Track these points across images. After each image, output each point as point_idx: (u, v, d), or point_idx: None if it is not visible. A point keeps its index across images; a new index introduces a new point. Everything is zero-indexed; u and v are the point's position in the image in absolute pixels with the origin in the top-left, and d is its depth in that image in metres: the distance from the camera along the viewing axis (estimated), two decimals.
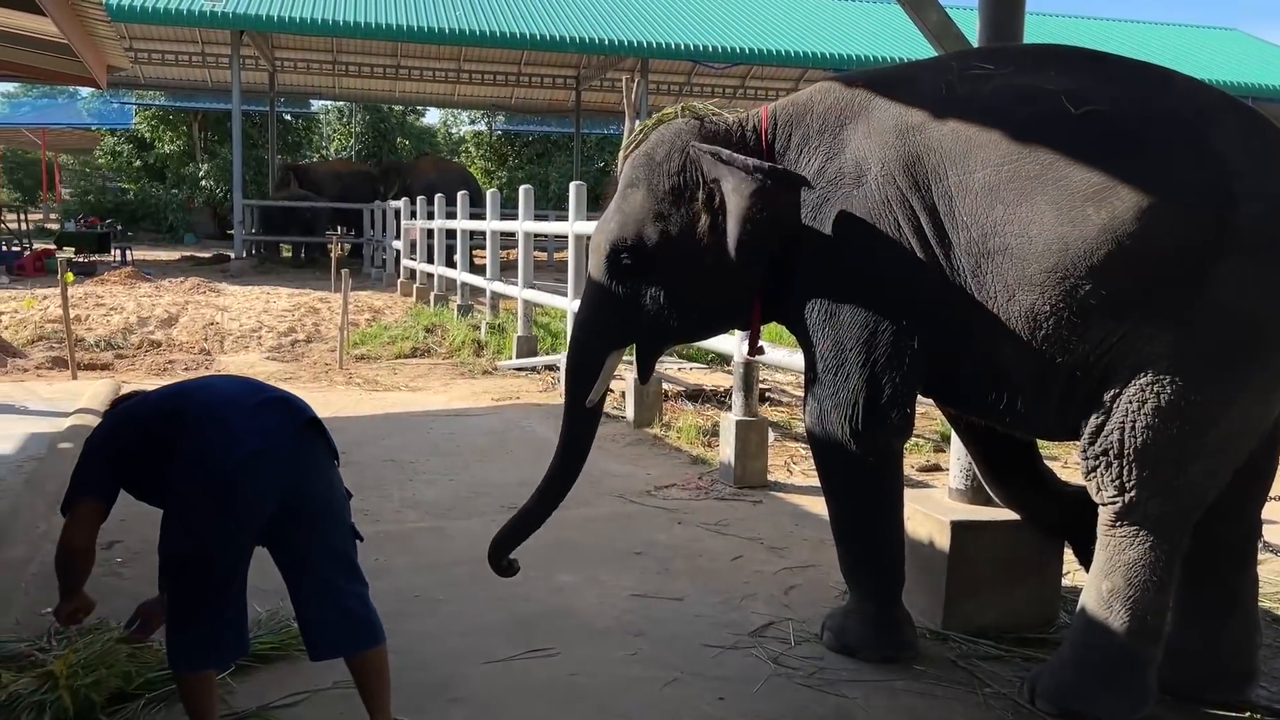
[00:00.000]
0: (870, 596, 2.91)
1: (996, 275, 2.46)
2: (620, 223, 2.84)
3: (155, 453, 2.24)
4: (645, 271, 2.82)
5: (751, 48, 20.53)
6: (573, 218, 7.37)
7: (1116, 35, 25.59)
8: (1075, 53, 2.64)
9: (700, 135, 2.80)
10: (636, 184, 2.85)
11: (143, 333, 9.64)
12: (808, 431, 2.88)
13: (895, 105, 2.65)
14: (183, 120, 31.81)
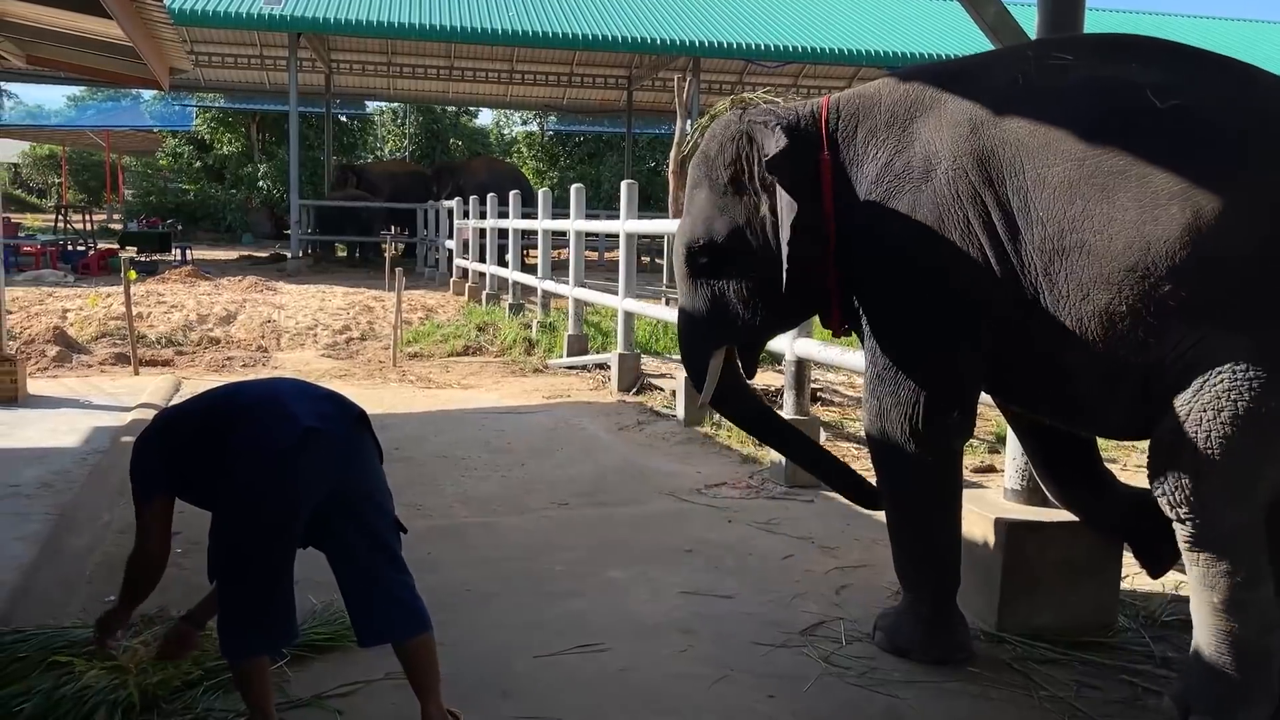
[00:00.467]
0: (925, 597, 2.87)
1: (1072, 273, 2.38)
2: (690, 224, 2.88)
3: (210, 446, 2.29)
4: (721, 267, 2.85)
5: (804, 46, 20.42)
6: (624, 216, 7.38)
7: (1182, 31, 25.02)
8: (1156, 44, 2.56)
9: (760, 130, 2.78)
10: (699, 183, 2.88)
11: (202, 330, 9.84)
12: (866, 428, 2.85)
13: (968, 97, 2.58)
14: (241, 122, 32.41)
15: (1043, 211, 2.42)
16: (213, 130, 32.69)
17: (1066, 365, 2.48)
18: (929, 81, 2.70)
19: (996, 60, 2.72)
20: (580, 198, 8.76)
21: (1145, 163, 2.31)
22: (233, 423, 2.29)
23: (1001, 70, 2.62)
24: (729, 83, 26.75)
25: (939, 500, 2.82)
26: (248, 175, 30.23)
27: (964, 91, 2.60)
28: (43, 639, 2.60)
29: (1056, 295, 2.42)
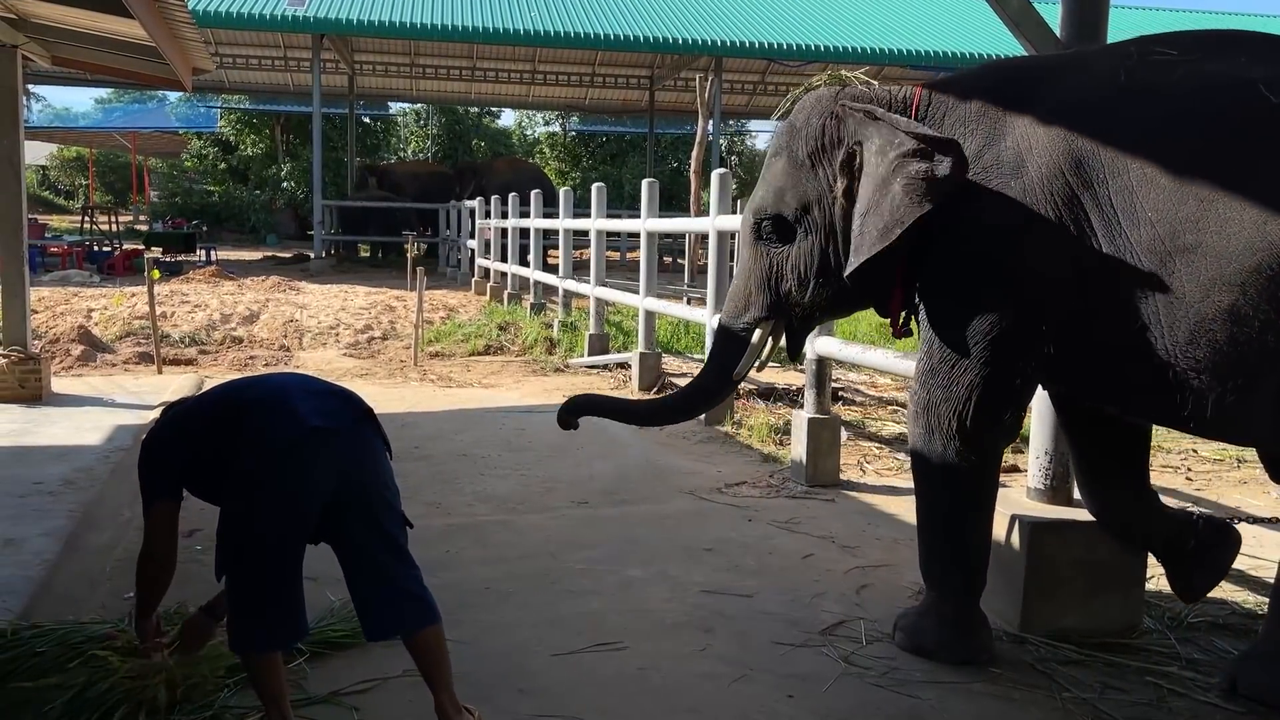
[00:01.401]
0: (950, 597, 2.82)
1: (1188, 274, 2.30)
2: (762, 192, 2.84)
3: (219, 441, 2.30)
4: (786, 241, 2.81)
5: (827, 45, 20.31)
6: (645, 215, 7.37)
7: (1206, 26, 24.74)
8: (1263, 38, 2.50)
9: (848, 97, 2.74)
10: (779, 152, 2.83)
11: (225, 329, 9.90)
12: (910, 420, 2.80)
13: (1068, 92, 2.52)
14: (265, 123, 32.67)
15: (1152, 212, 2.34)
16: (237, 132, 32.95)
17: (1181, 367, 2.37)
18: (1026, 75, 2.67)
19: (1098, 56, 2.65)
20: (601, 197, 8.76)
21: (1265, 159, 2.26)
22: (241, 418, 2.30)
23: (1103, 66, 2.55)
24: (751, 82, 26.72)
25: (976, 500, 2.78)
26: (272, 176, 30.47)
27: (1064, 86, 2.54)
28: (61, 634, 2.61)
29: (1171, 296, 2.33)
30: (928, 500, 2.83)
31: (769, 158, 2.87)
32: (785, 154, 2.81)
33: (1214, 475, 5.18)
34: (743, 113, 31.79)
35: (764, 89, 27.35)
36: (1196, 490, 4.85)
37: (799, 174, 2.77)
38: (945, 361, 2.65)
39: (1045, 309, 2.52)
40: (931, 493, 2.81)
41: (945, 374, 2.65)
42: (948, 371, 2.65)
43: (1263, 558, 3.76)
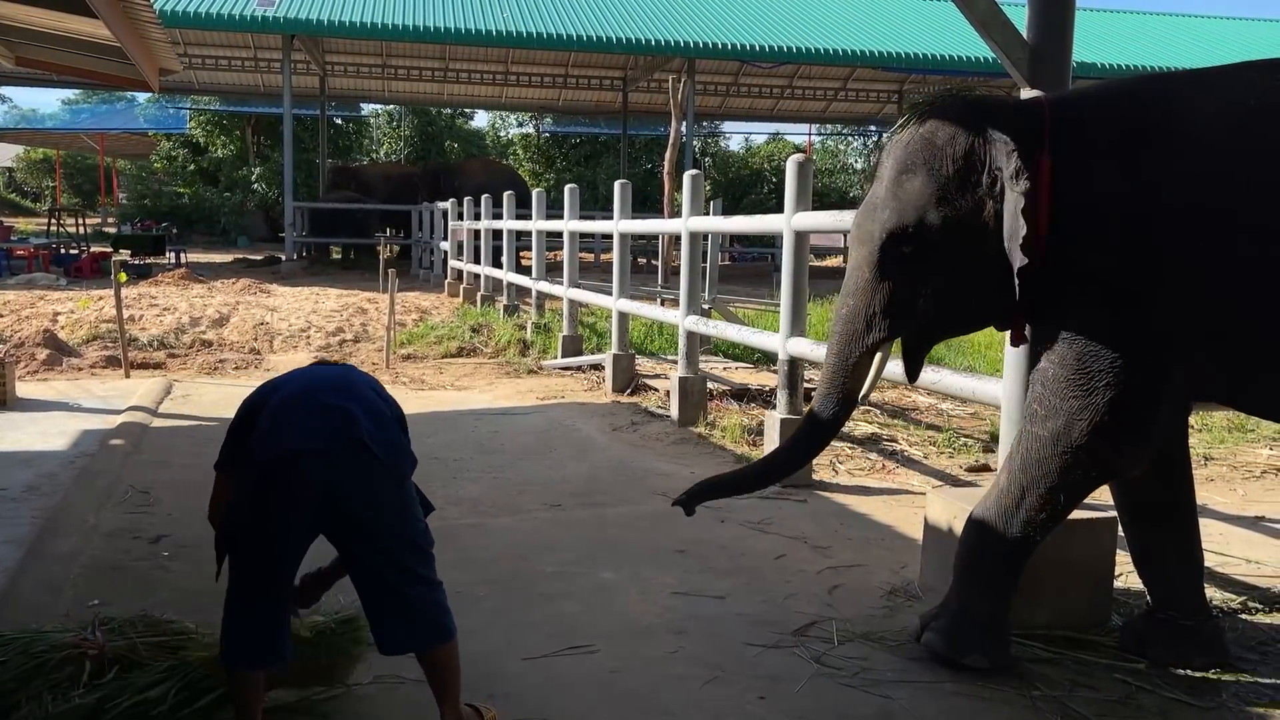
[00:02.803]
0: (992, 597, 2.76)
1: None
2: (898, 209, 2.67)
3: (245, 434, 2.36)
4: (924, 260, 2.66)
5: (799, 46, 20.42)
6: (618, 217, 7.36)
7: (1183, 31, 25.07)
8: None
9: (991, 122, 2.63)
10: (913, 169, 2.67)
11: (194, 332, 9.80)
12: (1035, 418, 2.68)
13: (1205, 117, 2.53)
14: (236, 125, 32.40)
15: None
16: (207, 133, 32.66)
17: None
18: (1152, 95, 2.66)
19: (1219, 80, 2.64)
20: (574, 198, 8.74)
21: None
22: (256, 416, 2.33)
23: (1230, 91, 2.57)
24: (724, 83, 26.81)
25: (1063, 514, 2.73)
26: (242, 178, 30.22)
27: (1198, 111, 2.55)
28: (23, 642, 2.56)
29: None
30: (1018, 499, 2.70)
31: (897, 174, 2.69)
32: (924, 170, 2.64)
33: None
34: (716, 114, 31.89)
35: (737, 90, 27.44)
36: None
37: (944, 192, 2.62)
38: (1097, 375, 2.57)
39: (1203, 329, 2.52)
40: (1029, 494, 2.68)
41: (1087, 389, 2.58)
42: (1090, 386, 2.57)
43: (1229, 554, 3.81)
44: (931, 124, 2.68)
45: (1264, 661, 2.87)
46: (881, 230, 2.68)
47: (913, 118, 2.73)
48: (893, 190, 2.69)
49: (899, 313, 2.73)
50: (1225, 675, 2.77)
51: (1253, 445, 5.71)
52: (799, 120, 31.78)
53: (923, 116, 2.70)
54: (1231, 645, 2.92)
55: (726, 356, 8.51)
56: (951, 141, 2.64)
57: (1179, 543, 2.88)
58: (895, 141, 2.74)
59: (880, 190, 2.73)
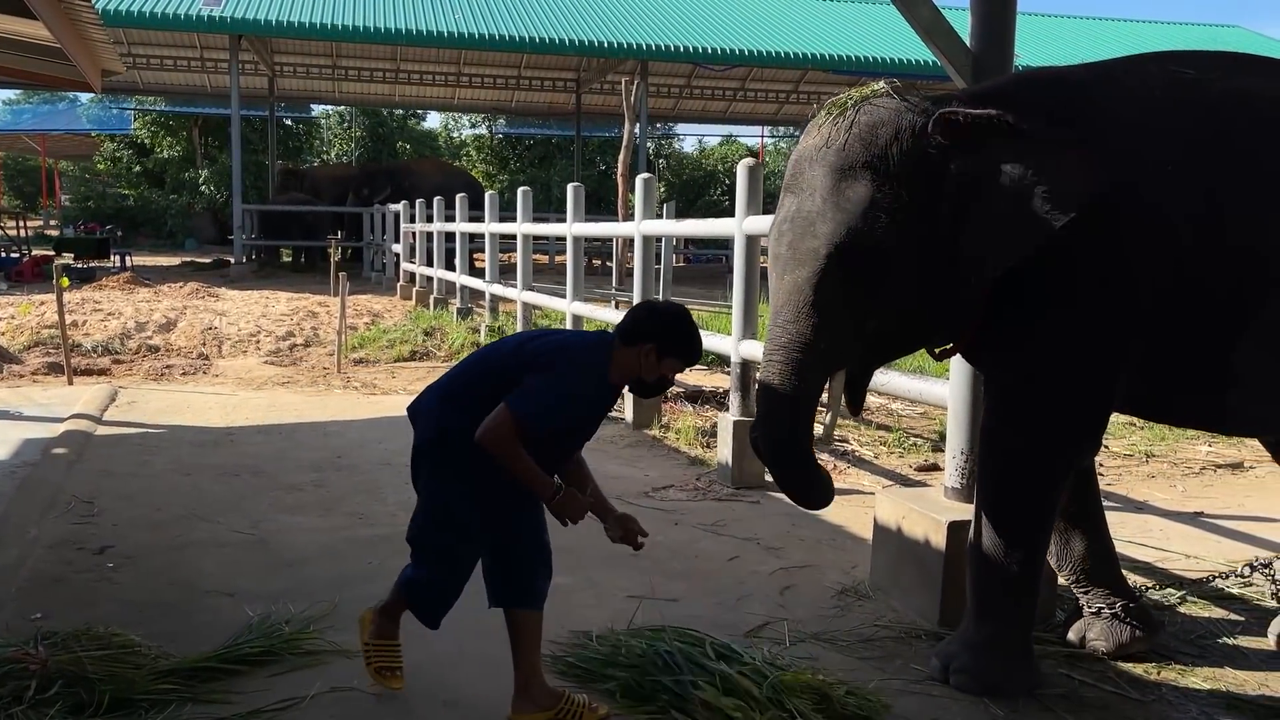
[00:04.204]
0: (1016, 623, 2.69)
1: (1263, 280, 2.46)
2: (843, 221, 2.39)
3: None
4: (876, 275, 2.41)
5: (751, 49, 20.54)
6: (571, 219, 7.36)
7: (1112, 35, 25.58)
8: (1251, 57, 2.67)
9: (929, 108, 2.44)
10: (853, 174, 2.40)
11: (140, 338, 9.63)
12: (995, 440, 2.64)
13: (1122, 107, 2.50)
14: (182, 125, 31.85)
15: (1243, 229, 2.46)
16: (152, 134, 32.08)
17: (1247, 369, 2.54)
18: (1064, 89, 2.59)
19: (1125, 72, 2.61)
20: (527, 201, 8.72)
21: None
22: None
23: (1140, 81, 2.56)
24: (677, 86, 26.88)
25: (1053, 520, 2.71)
26: (189, 180, 29.71)
27: (1123, 101, 2.52)
28: None
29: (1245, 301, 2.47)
30: (1010, 528, 2.62)
31: (834, 182, 2.42)
32: (867, 175, 2.39)
33: (1124, 470, 5.35)
34: (669, 116, 31.95)
35: (690, 92, 27.53)
36: (1107, 485, 5.00)
37: (894, 198, 2.38)
38: (1052, 387, 2.54)
39: (1143, 323, 2.51)
40: (1016, 520, 2.63)
41: (1050, 395, 2.55)
42: (1053, 392, 2.55)
43: (1169, 550, 3.90)
44: (867, 123, 2.43)
45: (1202, 655, 2.95)
46: (826, 246, 2.41)
47: (834, 119, 2.48)
48: (833, 200, 2.42)
49: (850, 337, 2.48)
50: (1165, 669, 2.84)
51: (1192, 443, 5.85)
52: (751, 122, 31.95)
53: (849, 117, 2.46)
54: (1171, 638, 2.99)
55: None
56: (896, 140, 2.40)
57: (1095, 536, 2.95)
58: (817, 147, 2.48)
59: (813, 202, 2.45)
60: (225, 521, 4.11)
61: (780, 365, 2.49)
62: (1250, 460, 5.41)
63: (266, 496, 4.54)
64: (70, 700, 2.41)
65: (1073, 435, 2.60)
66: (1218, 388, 2.60)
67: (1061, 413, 2.58)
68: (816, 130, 2.51)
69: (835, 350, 2.50)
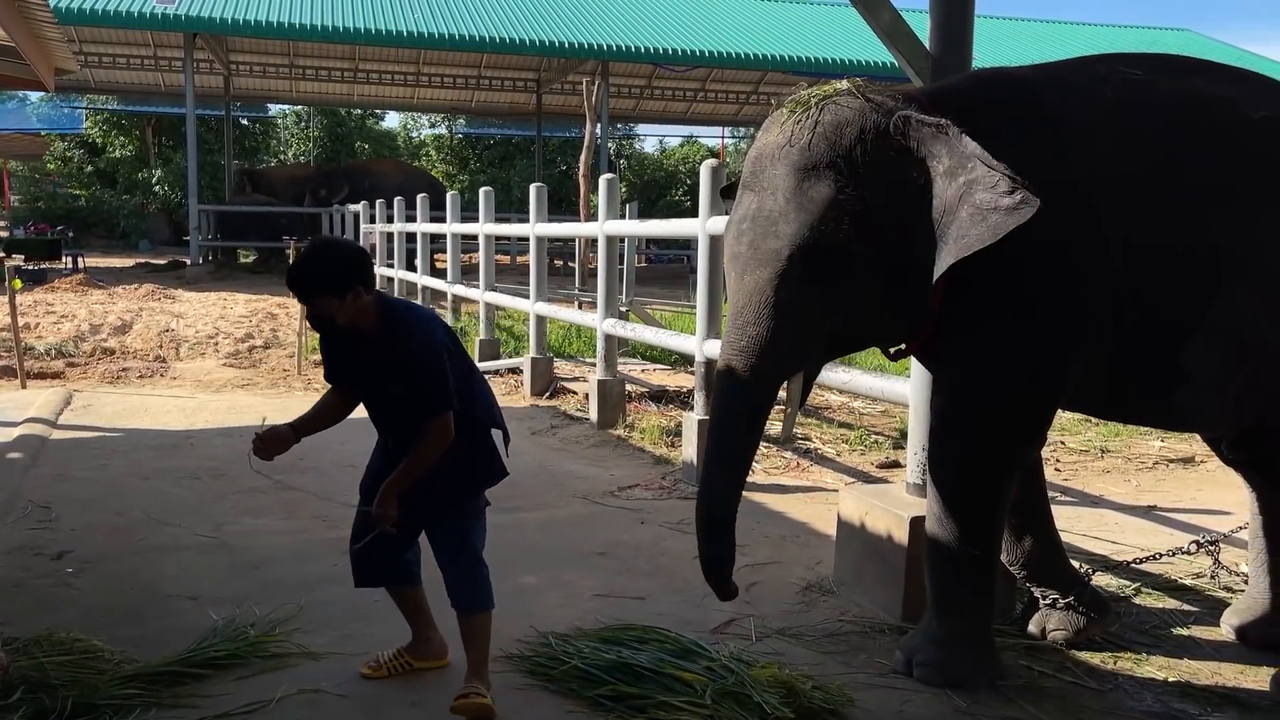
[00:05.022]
0: (976, 616, 2.74)
1: (1208, 279, 2.51)
2: (807, 221, 2.37)
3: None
4: (839, 276, 2.40)
5: (712, 50, 20.62)
6: (533, 220, 7.36)
7: (1065, 38, 25.98)
8: (1196, 60, 2.74)
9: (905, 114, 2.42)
10: (817, 173, 2.38)
11: (95, 340, 9.48)
12: (943, 436, 2.68)
13: (1070, 107, 2.55)
14: (135, 125, 31.36)
15: (1180, 225, 2.51)
16: (104, 133, 31.55)
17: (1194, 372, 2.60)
18: (1015, 89, 2.63)
19: (1071, 73, 2.66)
20: (489, 201, 8.70)
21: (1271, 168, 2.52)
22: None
23: (1086, 83, 2.60)
24: (638, 86, 26.91)
25: (1006, 515, 2.75)
26: (143, 180, 29.26)
27: (1072, 101, 2.56)
28: None
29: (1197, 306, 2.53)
30: (966, 526, 2.65)
31: (796, 181, 2.40)
32: (830, 175, 2.37)
33: (1080, 466, 5.45)
34: (630, 116, 31.97)
35: (651, 93, 27.58)
36: (1064, 480, 5.10)
37: (858, 198, 2.37)
38: (999, 384, 2.59)
39: (1088, 322, 2.55)
40: (973, 518, 2.66)
41: (999, 395, 2.59)
42: (1003, 391, 2.59)
43: (1123, 543, 3.99)
44: (831, 122, 2.42)
45: (1157, 645, 3.02)
46: (790, 246, 2.39)
47: (796, 117, 2.46)
48: (796, 200, 2.39)
49: (811, 339, 2.48)
50: (1121, 659, 2.91)
51: (1146, 438, 5.97)
52: (712, 123, 32.06)
53: (813, 115, 2.44)
54: (1126, 629, 3.07)
55: (645, 358, 8.56)
56: (860, 140, 2.39)
57: (1043, 530, 3.00)
58: (779, 145, 2.45)
59: (775, 201, 2.43)
60: (186, 525, 4.07)
61: (741, 369, 2.45)
62: (1201, 455, 5.53)
63: (228, 500, 4.50)
64: (33, 706, 2.39)
65: (1019, 433, 2.65)
66: (1166, 385, 2.66)
67: (1008, 411, 2.62)
68: (778, 127, 2.48)
69: (797, 352, 2.50)
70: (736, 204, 2.57)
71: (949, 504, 2.68)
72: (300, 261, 2.49)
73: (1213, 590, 3.44)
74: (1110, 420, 3.10)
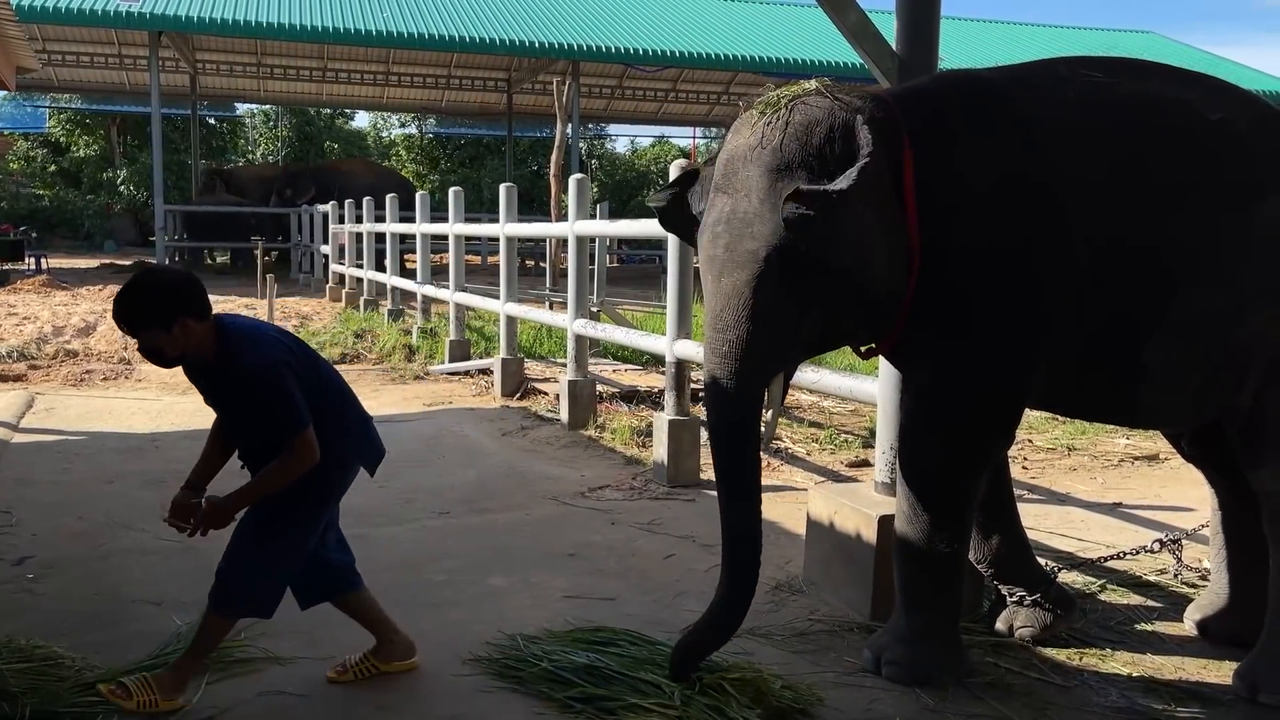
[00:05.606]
0: (944, 614, 2.75)
1: (1167, 279, 2.55)
2: (781, 222, 2.36)
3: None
4: (814, 276, 2.40)
5: (682, 51, 20.65)
6: (503, 220, 7.33)
7: (1030, 39, 26.25)
8: (1155, 63, 2.78)
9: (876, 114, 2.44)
10: (790, 173, 2.37)
11: (58, 342, 9.35)
12: (913, 435, 2.70)
13: (1033, 109, 2.58)
14: (99, 124, 30.98)
15: (1133, 222, 2.54)
16: (68, 132, 31.18)
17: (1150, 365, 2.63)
18: (981, 91, 2.65)
19: (1037, 75, 2.70)
20: (459, 201, 8.66)
21: (1223, 169, 2.56)
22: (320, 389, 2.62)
23: (1052, 84, 2.64)
24: (609, 86, 26.91)
25: (974, 515, 2.77)
26: (108, 180, 28.91)
27: (1025, 104, 2.60)
28: None
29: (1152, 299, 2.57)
30: (936, 523, 2.67)
31: (770, 183, 2.39)
32: (803, 175, 2.37)
33: (1047, 464, 5.51)
34: (601, 116, 32.00)
35: (622, 93, 27.59)
36: (1031, 478, 5.15)
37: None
38: (968, 379, 2.61)
39: (1046, 319, 2.57)
40: (943, 515, 2.67)
41: (968, 391, 2.61)
42: (974, 390, 2.61)
43: (1089, 540, 4.03)
44: (801, 122, 2.42)
45: (1121, 640, 3.05)
46: (765, 248, 2.38)
47: (766, 118, 2.46)
48: (770, 201, 2.38)
49: (790, 339, 2.49)
50: (1086, 655, 2.94)
51: (1111, 436, 6.04)
52: (683, 123, 32.13)
53: (783, 116, 2.44)
54: (1091, 625, 3.10)
55: (615, 359, 8.56)
56: (830, 140, 2.39)
57: (1010, 528, 3.02)
58: (750, 146, 2.45)
59: (749, 202, 2.42)
60: (151, 529, 4.01)
61: (727, 374, 2.45)
62: (1165, 453, 5.60)
63: None
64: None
65: (987, 431, 2.67)
66: (1129, 383, 2.69)
67: (977, 410, 2.64)
68: (749, 129, 2.48)
69: (777, 353, 2.51)
70: (710, 207, 2.56)
71: (919, 502, 2.70)
72: (121, 295, 2.41)
73: (1176, 586, 3.48)
74: (1077, 418, 3.14)
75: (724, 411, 2.50)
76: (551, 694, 2.62)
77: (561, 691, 2.61)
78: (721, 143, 2.64)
